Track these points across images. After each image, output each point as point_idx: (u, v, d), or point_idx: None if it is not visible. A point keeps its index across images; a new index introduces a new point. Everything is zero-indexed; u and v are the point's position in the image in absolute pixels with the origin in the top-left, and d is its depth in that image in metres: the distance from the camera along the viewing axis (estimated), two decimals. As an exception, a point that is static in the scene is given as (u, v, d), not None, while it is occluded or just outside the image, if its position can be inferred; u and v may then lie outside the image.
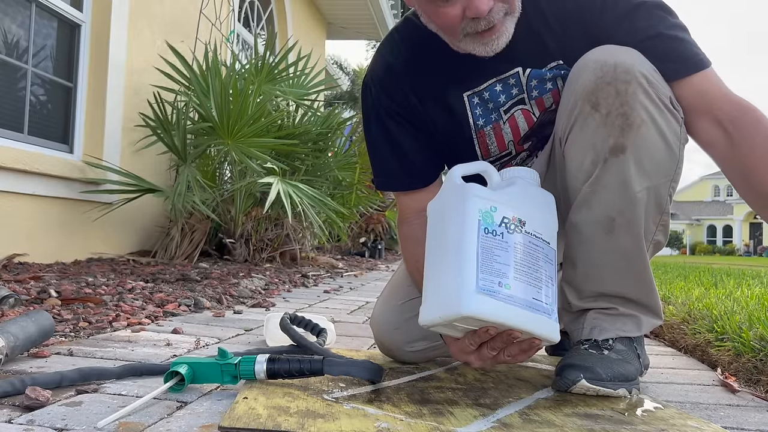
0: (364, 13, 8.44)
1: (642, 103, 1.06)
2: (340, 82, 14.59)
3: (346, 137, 5.30)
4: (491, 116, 1.25)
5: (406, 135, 1.29)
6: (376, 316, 1.37)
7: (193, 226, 4.03)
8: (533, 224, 1.02)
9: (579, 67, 1.11)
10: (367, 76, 1.33)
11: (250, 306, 2.35)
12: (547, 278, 1.01)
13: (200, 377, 1.03)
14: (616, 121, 1.06)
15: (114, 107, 3.85)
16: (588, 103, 1.07)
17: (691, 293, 2.59)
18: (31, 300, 1.98)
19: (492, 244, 0.98)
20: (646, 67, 1.07)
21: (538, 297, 0.99)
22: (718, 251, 45.02)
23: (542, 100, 1.22)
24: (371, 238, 7.93)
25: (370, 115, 1.32)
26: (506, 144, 1.27)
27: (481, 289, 0.95)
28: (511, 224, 1.00)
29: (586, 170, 1.11)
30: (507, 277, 0.97)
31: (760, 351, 1.39)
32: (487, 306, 0.95)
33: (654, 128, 1.07)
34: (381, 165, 1.35)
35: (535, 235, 1.02)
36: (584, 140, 1.10)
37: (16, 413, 0.87)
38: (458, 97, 1.25)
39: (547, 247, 1.03)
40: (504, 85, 1.22)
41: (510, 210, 1.01)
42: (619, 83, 1.05)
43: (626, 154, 1.07)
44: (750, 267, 8.49)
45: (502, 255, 0.98)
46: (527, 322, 0.98)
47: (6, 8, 3.26)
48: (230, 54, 4.85)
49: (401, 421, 0.89)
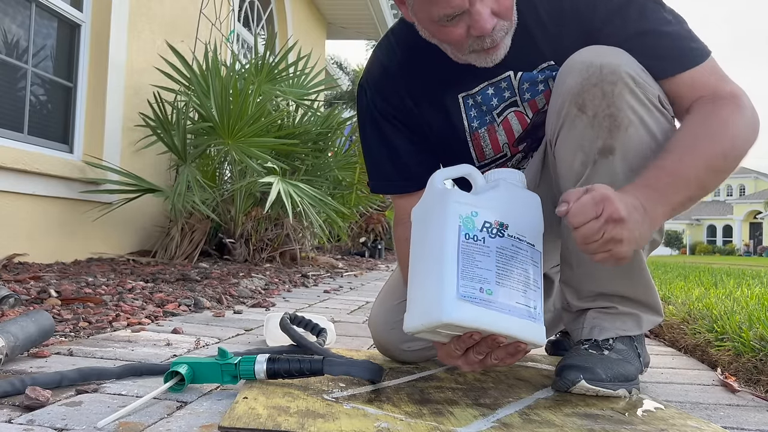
0: (364, 13, 8.44)
1: (629, 104, 1.05)
2: (340, 82, 14.59)
3: (346, 137, 5.30)
4: (485, 118, 1.25)
5: (402, 137, 1.29)
6: (374, 316, 1.37)
7: (193, 226, 4.03)
8: (516, 227, 1.01)
9: (566, 69, 1.10)
10: (362, 79, 1.33)
11: (250, 306, 2.35)
12: (532, 282, 1.00)
13: (200, 377, 1.03)
14: (603, 123, 1.06)
15: (114, 107, 3.85)
16: (575, 105, 1.07)
17: (691, 293, 2.59)
18: (31, 300, 1.98)
19: (473, 249, 0.97)
20: (633, 67, 1.06)
21: (521, 301, 0.98)
22: (718, 251, 45.03)
23: (535, 101, 1.22)
24: (371, 238, 7.93)
25: (365, 117, 1.32)
26: (501, 146, 1.27)
27: (462, 295, 0.94)
28: (493, 228, 0.99)
29: (576, 171, 1.10)
30: (489, 282, 0.96)
31: (760, 351, 1.39)
32: (467, 313, 0.94)
33: (643, 128, 1.06)
34: (376, 168, 1.34)
35: (518, 238, 1.00)
36: (573, 142, 1.09)
37: (16, 413, 0.87)
38: (453, 99, 1.25)
39: (532, 250, 1.02)
40: (496, 89, 1.22)
41: (491, 214, 1.00)
42: (606, 84, 1.05)
43: (615, 155, 1.06)
44: (750, 267, 8.49)
45: (483, 260, 0.97)
46: (510, 326, 0.96)
47: (6, 8, 3.26)
48: (230, 54, 4.85)
49: (401, 421, 0.89)
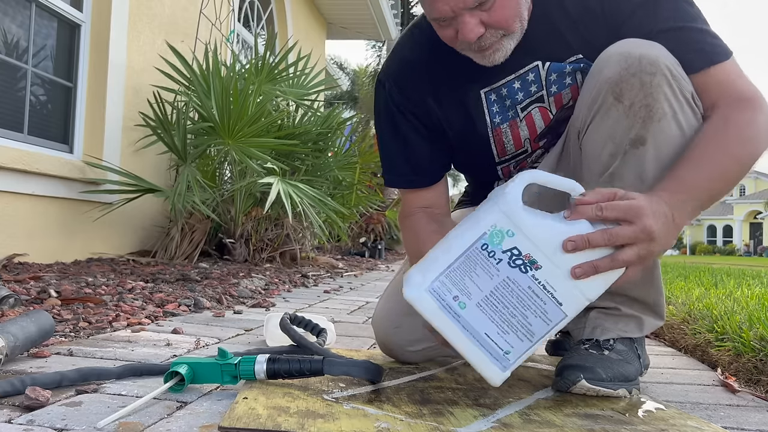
0: (364, 13, 8.44)
1: (666, 96, 1.05)
2: (340, 82, 14.59)
3: (346, 137, 5.30)
4: (508, 114, 1.24)
5: (416, 133, 1.29)
6: (378, 315, 1.37)
7: (193, 226, 4.03)
8: (553, 278, 0.91)
9: (602, 59, 1.10)
10: (381, 73, 1.33)
11: (250, 306, 2.35)
12: (525, 332, 0.92)
13: (200, 377, 1.03)
14: (639, 113, 1.05)
15: (114, 107, 3.85)
16: (611, 94, 1.06)
17: (691, 293, 2.59)
18: (31, 300, 1.97)
19: (479, 261, 0.91)
20: (670, 60, 1.06)
21: (493, 336, 0.91)
22: (718, 251, 45.00)
23: (560, 96, 1.21)
24: (371, 238, 7.93)
25: (382, 111, 1.32)
26: (522, 142, 1.27)
27: (431, 290, 0.92)
28: (518, 260, 0.90)
29: (603, 162, 1.09)
30: (469, 298, 0.91)
31: (760, 351, 1.38)
32: (426, 305, 0.92)
33: (674, 122, 1.06)
34: (389, 161, 1.35)
35: (544, 286, 0.91)
36: (604, 131, 1.08)
37: (16, 413, 0.87)
38: (476, 95, 1.24)
39: (555, 308, 0.92)
40: (522, 82, 1.21)
41: (532, 247, 0.90)
42: (644, 75, 1.04)
43: (646, 146, 1.05)
44: (750, 267, 8.49)
45: (481, 278, 0.91)
46: (462, 345, 0.92)
47: (6, 8, 3.26)
48: (230, 54, 4.85)
49: (401, 421, 0.89)
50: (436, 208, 1.33)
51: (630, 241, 0.93)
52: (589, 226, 0.92)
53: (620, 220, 0.93)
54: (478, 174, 1.45)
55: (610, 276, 0.93)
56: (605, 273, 0.92)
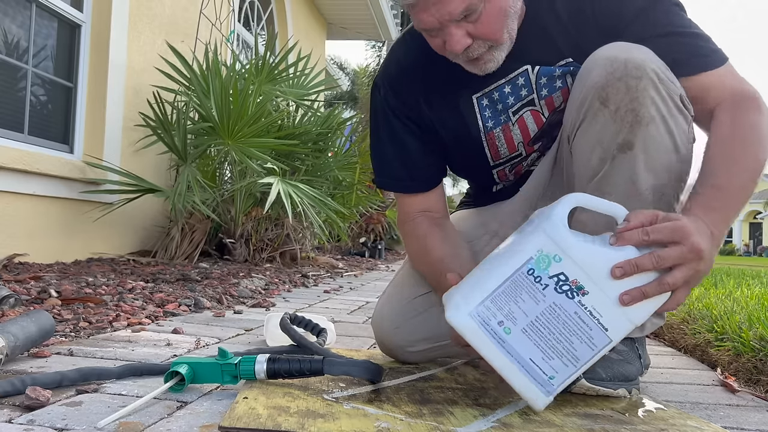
0: (364, 13, 8.44)
1: (652, 100, 1.04)
2: (340, 83, 14.59)
3: (346, 137, 5.30)
4: (500, 118, 1.25)
5: (412, 137, 1.30)
6: (378, 315, 1.37)
7: (194, 226, 4.03)
8: (601, 304, 0.90)
9: (589, 63, 1.10)
10: (377, 77, 1.34)
11: (250, 306, 2.35)
12: (570, 357, 0.91)
13: (200, 377, 1.03)
14: (625, 117, 1.04)
15: (114, 107, 3.85)
16: (597, 99, 1.06)
17: (690, 293, 2.58)
18: (31, 300, 1.98)
19: (525, 286, 0.90)
20: (657, 64, 1.06)
21: (538, 362, 0.90)
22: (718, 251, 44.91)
23: (552, 99, 1.21)
24: (371, 238, 7.93)
25: (377, 114, 1.33)
26: (516, 145, 1.27)
27: (475, 314, 0.90)
28: (565, 285, 0.89)
29: (593, 167, 1.09)
30: (515, 324, 0.89)
31: (760, 351, 1.39)
32: (469, 330, 0.90)
33: (663, 126, 1.05)
34: (385, 165, 1.35)
35: (591, 312, 0.90)
36: (592, 136, 1.08)
37: (16, 413, 0.87)
38: (467, 100, 1.25)
39: (600, 333, 0.90)
40: (513, 87, 1.22)
41: (579, 273, 0.89)
42: (630, 79, 1.04)
43: (634, 150, 1.05)
44: (750, 267, 8.49)
45: (527, 303, 0.90)
46: (507, 370, 0.90)
47: (6, 8, 3.26)
48: (230, 54, 4.85)
49: (401, 421, 0.89)
50: (435, 212, 1.33)
51: (678, 261, 0.91)
52: (635, 251, 0.91)
53: (666, 241, 0.92)
54: (474, 177, 1.46)
55: (656, 300, 0.92)
56: (652, 298, 0.92)
